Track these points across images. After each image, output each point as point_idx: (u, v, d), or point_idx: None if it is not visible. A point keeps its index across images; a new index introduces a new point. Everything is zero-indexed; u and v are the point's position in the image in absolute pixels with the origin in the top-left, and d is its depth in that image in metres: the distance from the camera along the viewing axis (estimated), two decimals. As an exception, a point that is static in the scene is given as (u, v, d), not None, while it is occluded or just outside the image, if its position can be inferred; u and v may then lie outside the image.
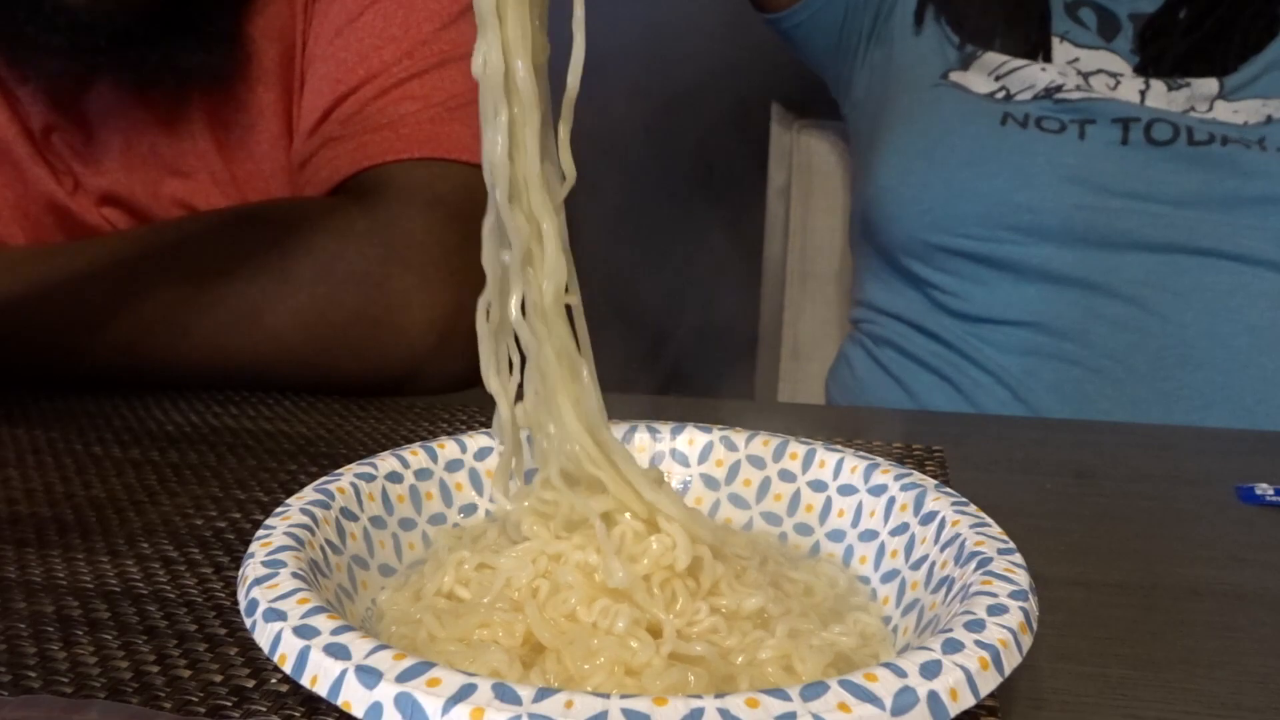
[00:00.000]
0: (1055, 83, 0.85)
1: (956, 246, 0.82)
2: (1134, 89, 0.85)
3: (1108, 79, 0.85)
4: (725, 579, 0.30)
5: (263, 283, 0.57)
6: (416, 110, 0.62)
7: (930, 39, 0.90)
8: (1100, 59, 0.87)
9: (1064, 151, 0.81)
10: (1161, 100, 0.83)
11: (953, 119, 0.85)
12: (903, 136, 0.87)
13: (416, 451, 0.37)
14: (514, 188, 0.29)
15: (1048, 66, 0.86)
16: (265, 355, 0.58)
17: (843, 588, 0.33)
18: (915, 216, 0.84)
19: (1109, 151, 0.81)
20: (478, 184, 0.71)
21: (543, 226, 0.30)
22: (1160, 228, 0.78)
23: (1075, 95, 0.84)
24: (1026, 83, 0.85)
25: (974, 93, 0.86)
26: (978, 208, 0.81)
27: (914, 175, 0.85)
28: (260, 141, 0.68)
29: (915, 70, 0.90)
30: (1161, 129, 0.81)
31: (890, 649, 0.30)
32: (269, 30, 0.66)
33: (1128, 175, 0.79)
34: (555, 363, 0.30)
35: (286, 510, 0.31)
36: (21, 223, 0.70)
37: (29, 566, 0.37)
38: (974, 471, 0.49)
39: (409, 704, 0.22)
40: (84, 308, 0.57)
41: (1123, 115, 0.82)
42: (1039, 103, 0.84)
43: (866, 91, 0.95)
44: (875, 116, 0.92)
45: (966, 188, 0.82)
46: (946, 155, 0.84)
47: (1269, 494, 0.46)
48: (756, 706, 0.21)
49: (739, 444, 0.39)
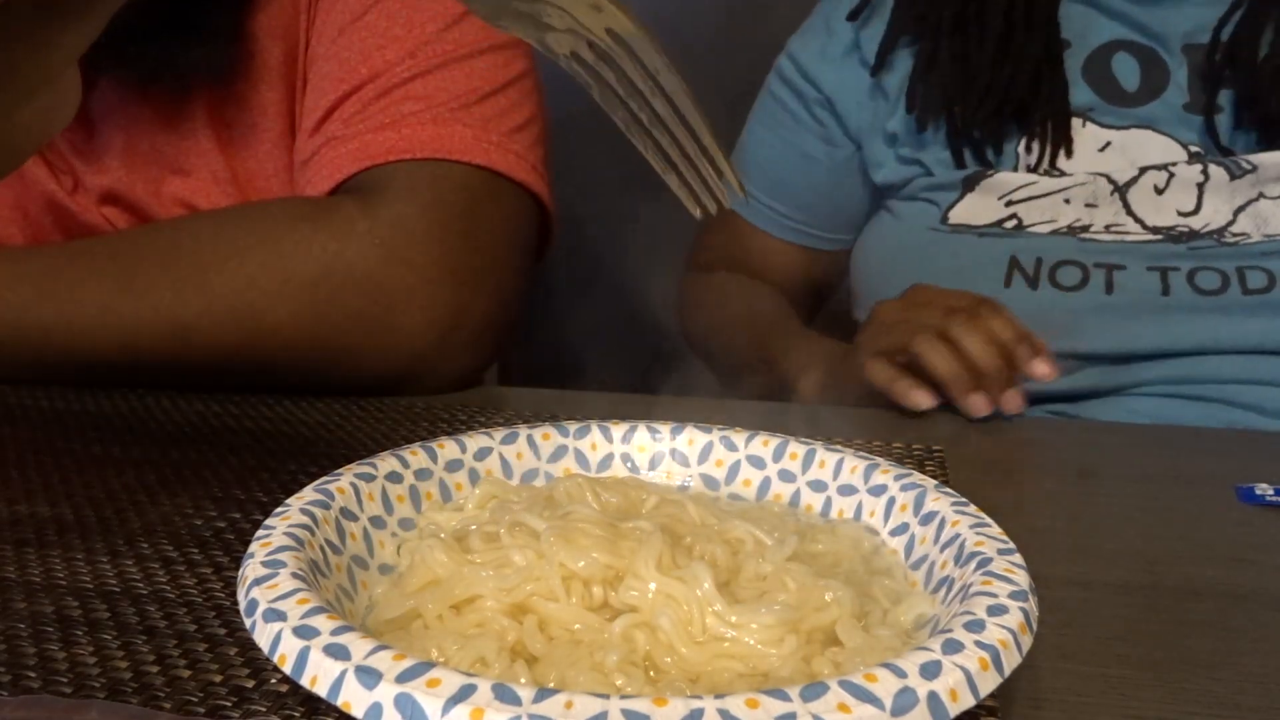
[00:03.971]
0: (1080, 220, 0.71)
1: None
2: (1188, 186, 0.69)
3: (1155, 178, 0.70)
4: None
5: (263, 282, 0.57)
6: (419, 110, 0.62)
7: (931, 149, 0.76)
8: (1139, 143, 0.71)
9: (1087, 311, 0.69)
10: (1222, 199, 0.69)
11: (948, 278, 0.70)
12: (897, 282, 0.74)
13: (416, 451, 0.37)
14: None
15: (1072, 193, 0.71)
16: (265, 355, 0.58)
17: (867, 549, 0.34)
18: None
19: (1143, 303, 0.67)
20: (478, 184, 0.71)
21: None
22: (1203, 381, 0.66)
23: (1105, 237, 0.70)
24: (1045, 214, 0.72)
25: (977, 227, 0.73)
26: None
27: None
28: (262, 140, 0.68)
29: (914, 209, 0.77)
30: (1208, 278, 0.67)
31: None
32: (272, 28, 0.66)
33: (1164, 332, 0.67)
34: None
35: (286, 510, 0.31)
36: (20, 223, 0.70)
37: (29, 566, 0.37)
38: (974, 471, 0.49)
39: (409, 704, 0.22)
40: (83, 307, 0.57)
41: (1160, 263, 0.68)
42: (1057, 239, 0.71)
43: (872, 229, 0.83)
44: (873, 250, 0.82)
45: None
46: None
47: (1269, 494, 0.46)
48: (756, 707, 0.21)
49: (739, 444, 0.39)
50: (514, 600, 0.29)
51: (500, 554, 0.30)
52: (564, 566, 0.29)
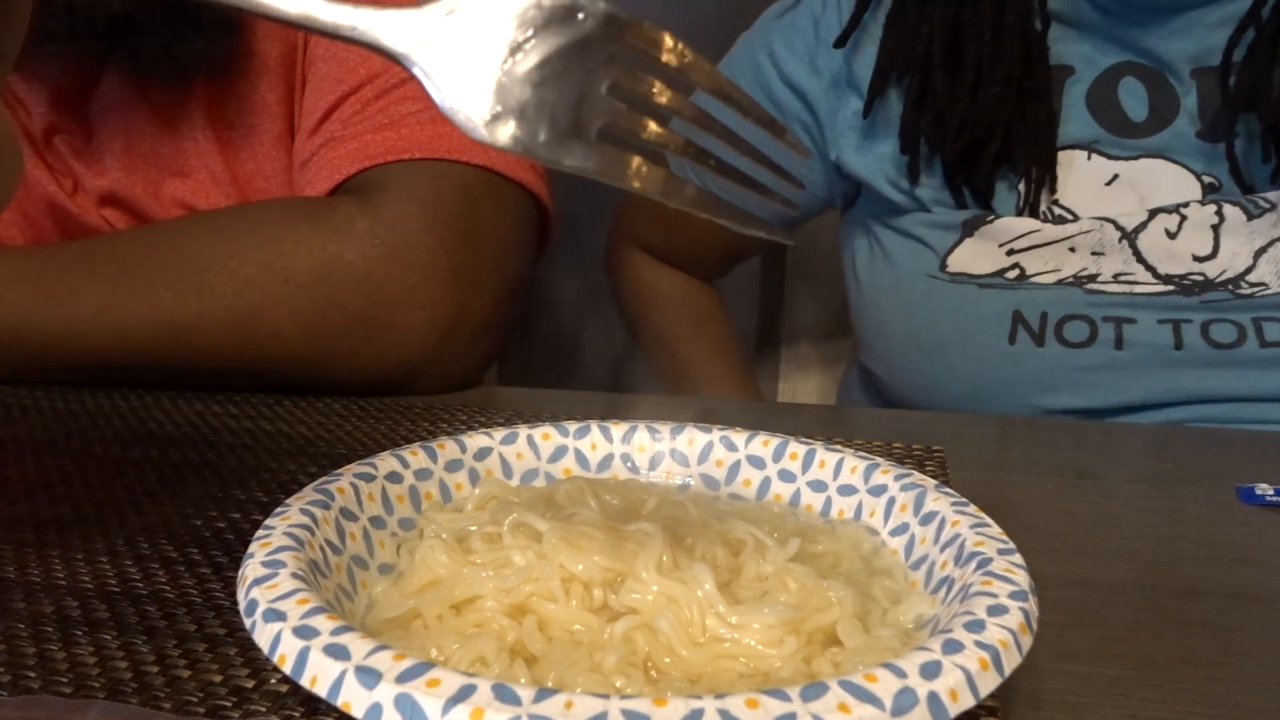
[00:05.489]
0: (1086, 269, 0.67)
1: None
2: (1203, 229, 0.65)
3: (1166, 222, 0.66)
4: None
5: (263, 283, 0.57)
6: (418, 110, 0.62)
7: (928, 188, 0.72)
8: (1150, 175, 0.67)
9: (1096, 368, 0.67)
10: (1240, 241, 0.65)
11: (950, 333, 0.70)
12: (896, 331, 0.75)
13: (416, 451, 0.37)
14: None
15: (1077, 241, 0.67)
16: (265, 355, 0.58)
17: (867, 550, 0.34)
18: (914, 391, 0.74)
19: (1154, 358, 0.66)
20: (478, 184, 0.71)
21: None
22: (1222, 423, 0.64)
23: (1113, 288, 0.67)
24: (1049, 264, 0.68)
25: (977, 277, 0.69)
26: (992, 407, 0.70)
27: (911, 372, 0.74)
28: (262, 141, 0.68)
29: (910, 251, 0.73)
30: (1224, 330, 0.65)
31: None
32: (271, 27, 0.66)
33: (1176, 387, 0.65)
34: None
35: (286, 510, 0.31)
36: (21, 224, 0.70)
37: (29, 566, 0.37)
38: (974, 471, 0.49)
39: (409, 705, 0.22)
40: (83, 307, 0.57)
41: (1172, 315, 0.65)
42: (1063, 291, 0.67)
43: (865, 260, 0.79)
44: (871, 297, 0.78)
45: (975, 393, 0.70)
46: (944, 373, 0.72)
47: (1269, 494, 0.46)
48: (756, 707, 0.21)
49: (739, 444, 0.39)
50: (513, 601, 0.29)
51: (501, 554, 0.30)
52: (564, 568, 0.29)
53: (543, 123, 0.26)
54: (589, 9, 0.27)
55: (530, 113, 0.26)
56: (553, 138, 0.26)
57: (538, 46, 0.26)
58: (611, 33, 0.27)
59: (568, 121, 0.27)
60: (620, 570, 0.30)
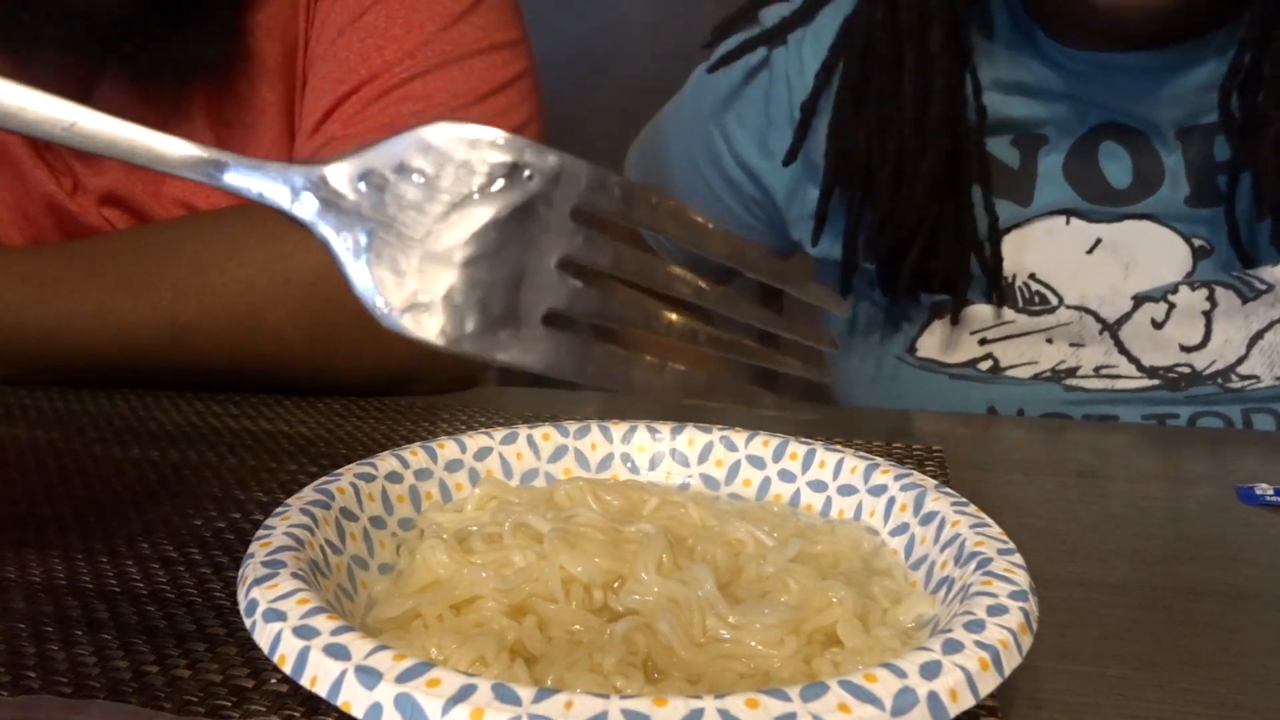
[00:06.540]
0: (1064, 363, 0.63)
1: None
2: (1193, 316, 0.61)
3: (1153, 311, 0.62)
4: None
5: (263, 283, 0.57)
6: (418, 110, 0.62)
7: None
8: (1136, 237, 0.63)
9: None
10: (1235, 327, 0.61)
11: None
12: (866, 400, 0.71)
13: (416, 451, 0.37)
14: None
15: (1055, 333, 0.63)
16: (265, 355, 0.58)
17: (867, 550, 0.34)
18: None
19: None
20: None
21: None
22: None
23: (1094, 383, 0.63)
24: (1024, 355, 0.64)
25: (949, 366, 0.66)
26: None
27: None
28: (262, 141, 0.68)
29: (879, 326, 0.70)
30: (1211, 424, 0.63)
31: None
32: (271, 28, 0.66)
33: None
34: None
35: (286, 510, 0.31)
36: (20, 224, 0.69)
37: (29, 566, 0.37)
38: (974, 471, 0.49)
39: (409, 704, 0.21)
40: (83, 307, 0.57)
41: (1157, 410, 0.62)
42: (1040, 387, 0.64)
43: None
44: (843, 375, 0.74)
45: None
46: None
47: (1269, 494, 0.46)
48: (756, 707, 0.21)
49: (739, 444, 0.39)
50: (513, 601, 0.29)
51: (501, 555, 0.30)
52: (564, 569, 0.29)
53: (471, 309, 0.22)
54: (535, 165, 0.23)
55: (458, 297, 0.22)
56: (482, 327, 0.22)
57: (471, 215, 0.22)
58: (565, 192, 0.23)
59: (504, 306, 0.22)
60: (620, 571, 0.30)
